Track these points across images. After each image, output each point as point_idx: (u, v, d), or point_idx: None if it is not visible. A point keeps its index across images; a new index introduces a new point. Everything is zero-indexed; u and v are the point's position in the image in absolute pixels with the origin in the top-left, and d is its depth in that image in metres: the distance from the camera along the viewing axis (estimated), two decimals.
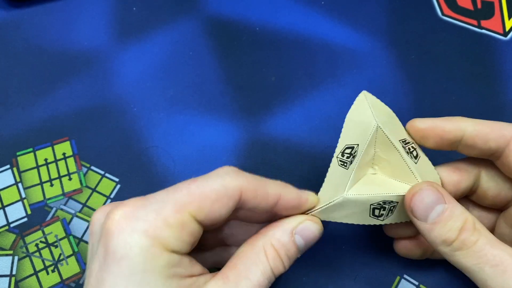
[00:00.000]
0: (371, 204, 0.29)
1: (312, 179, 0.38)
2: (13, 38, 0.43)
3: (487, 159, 0.31)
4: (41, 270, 0.36)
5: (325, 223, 0.30)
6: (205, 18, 0.44)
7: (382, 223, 0.30)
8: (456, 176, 0.31)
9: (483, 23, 0.45)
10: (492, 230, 0.33)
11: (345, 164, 0.30)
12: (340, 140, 0.30)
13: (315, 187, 0.31)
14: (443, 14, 0.45)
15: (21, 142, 0.39)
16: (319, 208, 0.30)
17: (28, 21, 0.43)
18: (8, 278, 0.35)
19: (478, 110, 0.41)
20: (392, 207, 0.30)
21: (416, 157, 0.30)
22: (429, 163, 0.31)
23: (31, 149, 0.39)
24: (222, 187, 0.26)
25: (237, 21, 0.44)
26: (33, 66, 0.42)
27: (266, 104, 0.41)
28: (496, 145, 0.29)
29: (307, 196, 0.29)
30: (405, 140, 0.31)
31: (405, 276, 0.36)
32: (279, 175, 0.38)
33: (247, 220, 0.31)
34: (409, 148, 0.31)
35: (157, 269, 0.24)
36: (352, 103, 0.32)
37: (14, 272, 0.36)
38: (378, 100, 0.33)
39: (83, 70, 0.42)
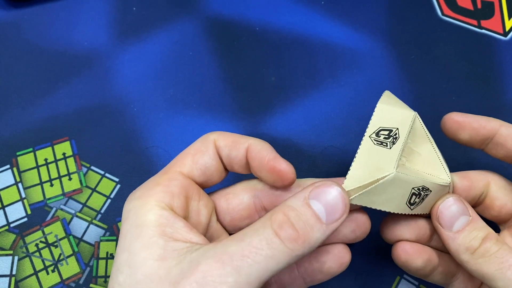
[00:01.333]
0: (413, 188, 0.29)
1: None
2: (13, 38, 0.43)
3: (494, 172, 0.32)
4: (41, 270, 0.36)
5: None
6: (205, 18, 0.44)
7: (411, 212, 0.30)
8: (467, 182, 0.31)
9: (483, 23, 0.45)
10: None
11: (386, 144, 0.29)
12: (371, 122, 0.30)
13: None
14: (443, 14, 0.45)
15: (21, 142, 0.39)
16: (365, 188, 0.28)
17: (28, 21, 0.43)
18: (8, 278, 0.35)
19: (478, 110, 0.41)
20: (425, 196, 0.29)
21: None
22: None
23: (31, 149, 0.39)
24: (198, 142, 0.30)
25: (237, 21, 0.44)
26: (33, 66, 0.42)
27: (266, 104, 0.41)
28: None
29: (282, 160, 0.28)
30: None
31: (405, 276, 0.36)
32: None
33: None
34: None
35: (147, 222, 0.26)
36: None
37: (14, 272, 0.36)
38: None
39: (83, 70, 0.42)
